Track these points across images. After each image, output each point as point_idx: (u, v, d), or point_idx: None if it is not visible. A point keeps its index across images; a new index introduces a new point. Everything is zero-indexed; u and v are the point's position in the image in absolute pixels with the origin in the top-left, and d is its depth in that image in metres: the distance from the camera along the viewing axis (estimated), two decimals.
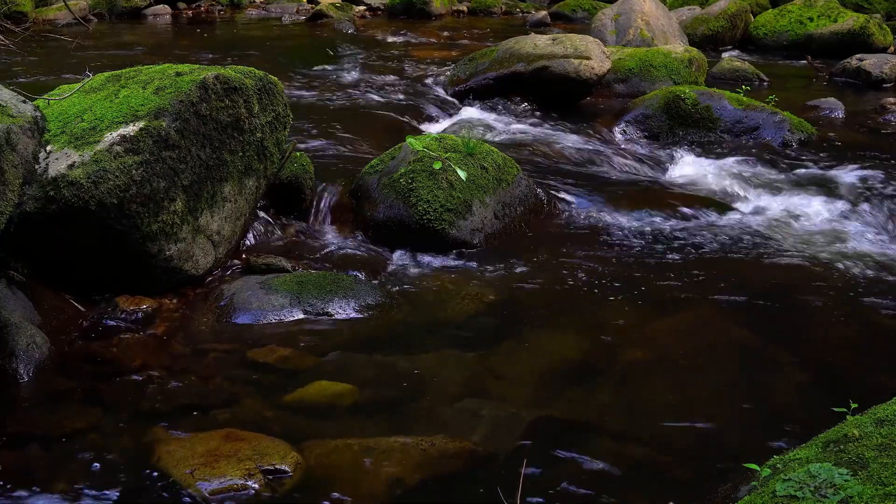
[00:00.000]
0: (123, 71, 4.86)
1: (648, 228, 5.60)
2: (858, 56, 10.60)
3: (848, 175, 6.65)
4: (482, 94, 8.28)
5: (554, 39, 8.38)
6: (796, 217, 5.88)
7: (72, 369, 3.85)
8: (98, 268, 4.36)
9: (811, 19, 12.04)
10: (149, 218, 4.27)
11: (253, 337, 4.17)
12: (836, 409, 2.93)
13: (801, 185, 6.45)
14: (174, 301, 4.45)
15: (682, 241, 5.41)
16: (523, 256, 5.14)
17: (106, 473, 3.13)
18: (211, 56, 10.42)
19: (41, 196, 4.07)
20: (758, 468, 2.57)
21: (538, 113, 8.04)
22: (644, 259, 5.16)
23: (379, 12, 15.61)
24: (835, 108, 8.72)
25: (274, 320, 4.30)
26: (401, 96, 8.49)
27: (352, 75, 9.53)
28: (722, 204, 6.06)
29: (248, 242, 5.09)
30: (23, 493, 3.03)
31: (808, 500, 2.25)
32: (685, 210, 5.86)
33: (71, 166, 4.14)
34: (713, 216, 5.80)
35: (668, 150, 7.37)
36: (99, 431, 3.41)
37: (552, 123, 7.81)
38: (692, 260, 5.15)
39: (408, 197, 5.22)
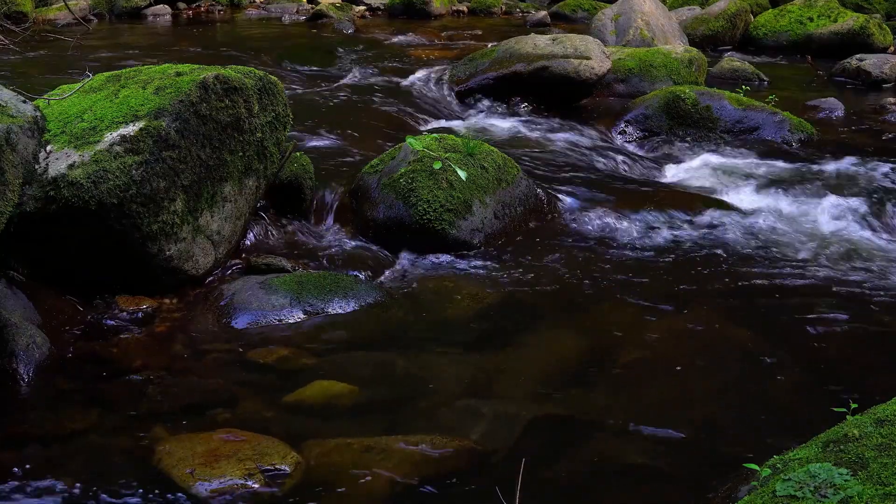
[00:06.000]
0: (123, 71, 4.86)
1: (648, 228, 5.60)
2: (858, 56, 10.60)
3: (848, 175, 6.65)
4: (482, 93, 8.28)
5: (554, 39, 8.38)
6: (796, 217, 5.87)
7: (72, 369, 3.85)
8: (98, 268, 4.36)
9: (811, 19, 12.04)
10: (149, 218, 4.27)
11: (253, 337, 4.17)
12: (836, 409, 2.93)
13: (801, 184, 6.45)
14: (174, 301, 4.45)
15: (682, 241, 5.41)
16: (523, 256, 5.14)
17: (106, 473, 3.13)
18: (211, 56, 10.41)
19: (41, 196, 4.07)
20: (758, 468, 2.57)
21: (538, 113, 8.04)
22: (644, 259, 5.16)
23: (379, 12, 15.61)
24: (835, 108, 8.72)
25: (274, 320, 4.30)
26: (401, 96, 8.48)
27: (352, 75, 9.53)
28: (722, 204, 6.06)
29: (248, 242, 5.09)
30: (23, 493, 3.03)
31: (808, 500, 2.25)
32: (685, 210, 5.85)
33: (71, 166, 4.14)
34: (713, 216, 5.79)
35: (668, 151, 7.37)
36: (99, 431, 3.41)
37: (552, 123, 7.81)
38: (692, 260, 5.15)
39: (408, 197, 5.22)
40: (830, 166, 6.87)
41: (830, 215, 5.91)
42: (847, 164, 6.93)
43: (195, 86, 4.50)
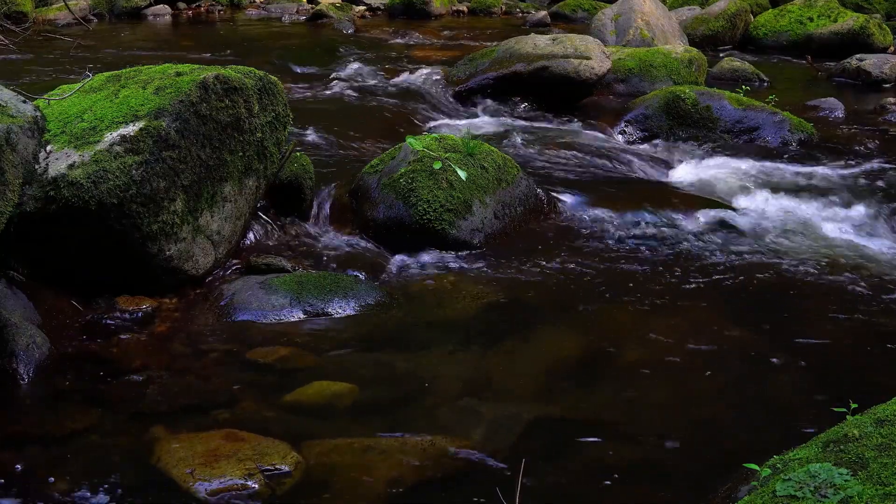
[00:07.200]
0: (123, 71, 4.86)
1: (648, 228, 5.60)
2: (858, 56, 10.59)
3: (848, 175, 6.65)
4: (482, 93, 8.28)
5: (554, 39, 8.38)
6: (796, 217, 5.87)
7: (72, 369, 3.85)
8: (98, 268, 4.36)
9: (811, 19, 12.04)
10: (149, 218, 4.27)
11: (253, 337, 4.17)
12: (836, 409, 2.93)
13: (801, 185, 6.45)
14: (174, 301, 4.45)
15: (682, 241, 5.41)
16: (523, 256, 5.14)
17: (106, 473, 3.13)
18: (211, 56, 10.42)
19: (41, 196, 4.07)
20: (758, 468, 2.57)
21: (538, 113, 8.04)
22: (644, 259, 5.16)
23: (379, 12, 15.61)
24: (835, 108, 8.72)
25: (274, 320, 4.30)
26: (401, 96, 8.48)
27: (351, 75, 9.53)
28: (722, 204, 6.06)
29: (248, 242, 5.09)
30: (23, 493, 3.02)
31: (808, 500, 2.25)
32: (685, 210, 5.85)
33: (71, 166, 4.14)
34: (713, 216, 5.79)
35: (668, 151, 7.37)
36: (99, 431, 3.41)
37: (552, 123, 7.81)
38: (692, 260, 5.15)
39: (408, 197, 5.22)
40: (830, 167, 6.87)
41: (830, 216, 5.91)
42: (847, 164, 6.93)
43: (195, 86, 4.49)
